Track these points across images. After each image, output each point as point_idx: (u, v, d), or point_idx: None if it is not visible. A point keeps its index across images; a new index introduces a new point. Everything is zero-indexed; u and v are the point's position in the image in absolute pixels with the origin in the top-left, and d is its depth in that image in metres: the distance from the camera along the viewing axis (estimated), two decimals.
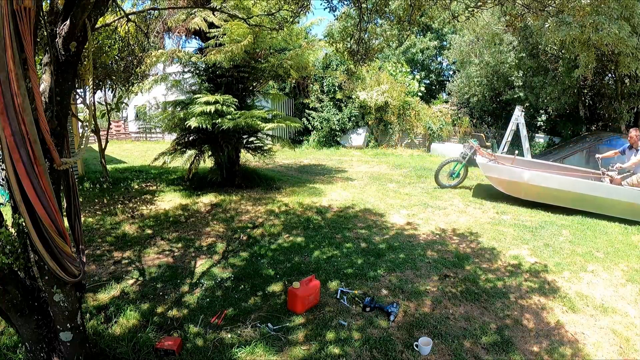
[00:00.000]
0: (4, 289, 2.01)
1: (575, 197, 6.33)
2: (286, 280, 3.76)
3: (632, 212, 6.03)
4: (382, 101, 13.39)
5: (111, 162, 10.75)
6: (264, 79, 7.39)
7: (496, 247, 4.71)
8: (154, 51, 6.36)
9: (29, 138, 1.69)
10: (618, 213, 6.12)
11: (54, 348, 2.29)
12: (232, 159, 7.18)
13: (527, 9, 3.78)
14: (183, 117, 6.32)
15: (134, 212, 5.76)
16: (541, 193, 6.61)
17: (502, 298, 3.54)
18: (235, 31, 6.04)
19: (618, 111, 10.25)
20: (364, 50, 4.65)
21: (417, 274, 3.98)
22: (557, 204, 6.52)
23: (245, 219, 5.58)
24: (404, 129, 14.03)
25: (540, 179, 6.58)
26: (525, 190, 6.72)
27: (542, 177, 6.60)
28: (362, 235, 4.97)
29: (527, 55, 10.72)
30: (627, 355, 2.88)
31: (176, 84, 7.03)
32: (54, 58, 2.01)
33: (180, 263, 4.20)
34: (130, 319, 3.09)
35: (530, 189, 6.66)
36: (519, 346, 2.89)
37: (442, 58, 18.76)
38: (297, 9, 4.13)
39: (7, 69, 1.58)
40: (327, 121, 14.38)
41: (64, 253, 1.95)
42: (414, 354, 2.76)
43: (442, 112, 14.41)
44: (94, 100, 6.74)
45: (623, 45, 6.49)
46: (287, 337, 2.92)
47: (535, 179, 6.59)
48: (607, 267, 4.28)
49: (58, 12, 2.08)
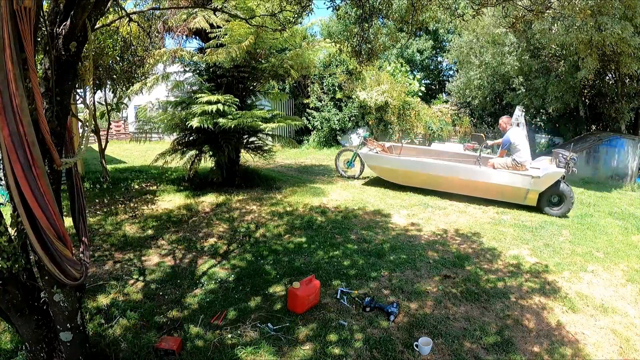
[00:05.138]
0: (4, 289, 2.01)
1: (448, 182, 6.79)
2: (286, 280, 3.76)
3: (501, 194, 6.45)
4: (382, 101, 13.38)
5: (111, 162, 10.76)
6: (265, 79, 7.38)
7: (496, 247, 4.70)
8: (156, 51, 6.36)
9: (27, 139, 1.67)
10: (487, 195, 6.57)
11: (54, 348, 2.29)
12: (232, 159, 7.18)
13: (528, 11, 3.78)
14: (184, 117, 6.32)
15: (134, 212, 5.76)
16: (417, 178, 7.11)
17: (502, 298, 3.54)
18: (236, 31, 6.04)
19: (619, 111, 10.24)
20: (369, 50, 4.66)
21: (418, 274, 3.98)
22: (435, 188, 6.98)
23: (246, 219, 5.57)
24: (404, 129, 14.02)
25: (416, 165, 7.05)
26: (402, 176, 7.24)
27: (417, 163, 7.07)
28: (362, 235, 4.97)
29: (529, 57, 10.71)
30: (627, 355, 2.88)
31: (178, 85, 7.02)
32: (54, 58, 2.01)
33: (180, 263, 4.19)
34: (131, 319, 3.09)
35: (407, 175, 7.17)
36: (519, 346, 2.89)
37: (442, 58, 18.75)
38: (300, 9, 4.13)
39: (5, 69, 1.57)
40: (328, 121, 14.38)
41: (64, 257, 1.93)
42: (414, 354, 2.76)
43: (442, 112, 14.41)
44: (94, 100, 6.73)
45: (625, 45, 6.50)
46: (288, 337, 2.92)
47: (411, 166, 7.08)
48: (607, 267, 4.28)
49: (58, 12, 2.07)
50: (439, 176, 6.82)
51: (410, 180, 7.19)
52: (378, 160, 7.43)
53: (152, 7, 5.75)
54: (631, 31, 6.48)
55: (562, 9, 3.70)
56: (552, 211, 6.19)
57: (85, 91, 3.97)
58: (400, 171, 7.17)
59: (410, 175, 7.11)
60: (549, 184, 6.10)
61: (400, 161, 7.16)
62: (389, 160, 7.31)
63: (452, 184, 6.76)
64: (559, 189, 6.13)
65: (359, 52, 4.67)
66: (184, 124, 6.40)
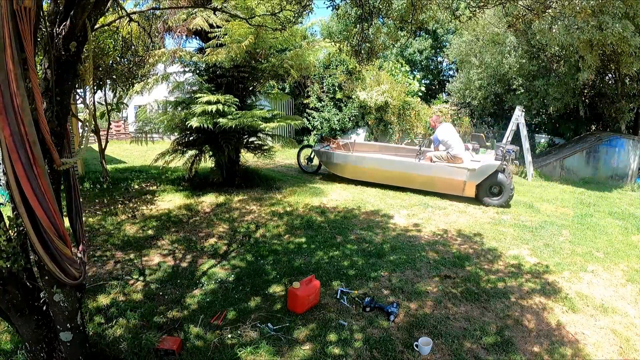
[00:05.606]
0: (4, 289, 2.01)
1: (390, 175, 7.26)
2: (286, 280, 3.76)
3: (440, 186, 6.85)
4: (382, 101, 13.37)
5: (111, 162, 10.75)
6: (264, 78, 7.39)
7: (496, 248, 4.70)
8: (156, 50, 6.35)
9: (27, 139, 1.67)
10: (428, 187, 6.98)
11: (54, 348, 2.29)
12: (232, 159, 7.18)
13: (529, 10, 3.78)
14: (184, 117, 6.32)
15: (134, 212, 5.76)
16: (363, 173, 7.55)
17: (502, 298, 3.54)
18: (236, 31, 6.03)
19: (619, 111, 10.24)
20: (368, 50, 4.66)
21: (418, 274, 3.98)
22: (380, 182, 7.40)
23: (246, 219, 5.57)
24: (404, 128, 14.01)
25: (361, 161, 7.51)
26: (350, 171, 7.65)
27: (362, 158, 7.52)
28: (362, 235, 4.96)
29: (529, 58, 10.70)
30: (627, 355, 2.88)
31: (178, 85, 7.02)
32: (54, 58, 2.01)
33: (180, 263, 4.19)
34: (131, 319, 3.09)
35: (354, 170, 7.62)
36: (520, 346, 2.89)
37: (442, 57, 18.74)
38: (300, 9, 4.13)
39: (6, 69, 1.57)
40: (327, 121, 14.37)
41: (64, 256, 1.94)
42: (414, 354, 2.76)
43: (442, 112, 14.40)
44: (94, 100, 6.72)
45: (626, 45, 6.49)
46: (287, 337, 2.92)
47: (356, 161, 7.54)
48: (607, 267, 4.28)
49: (58, 12, 2.07)
50: (382, 170, 7.28)
51: (357, 175, 7.62)
52: (328, 157, 7.84)
53: (152, 7, 5.75)
54: (632, 30, 6.47)
55: (562, 8, 3.71)
56: (492, 201, 6.54)
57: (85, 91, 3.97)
58: (348, 166, 7.63)
59: (356, 170, 7.57)
60: (485, 176, 6.44)
61: (346, 157, 7.61)
62: (337, 156, 7.74)
63: (394, 177, 7.22)
64: (497, 180, 6.45)
65: (359, 52, 4.67)
66: (184, 124, 6.39)
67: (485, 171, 6.43)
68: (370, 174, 7.45)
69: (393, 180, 7.24)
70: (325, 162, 7.99)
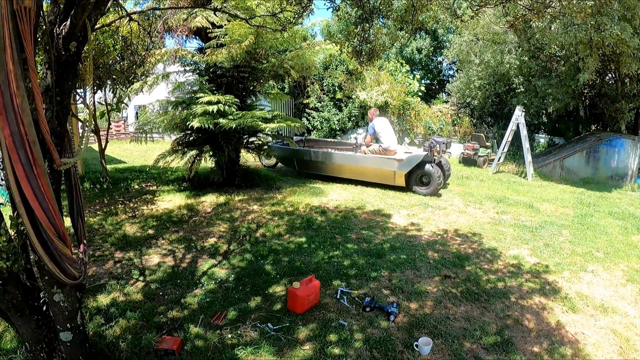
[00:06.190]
0: (4, 289, 2.01)
1: (331, 167, 7.78)
2: (286, 280, 3.76)
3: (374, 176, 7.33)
4: (382, 101, 13.38)
5: (111, 162, 10.74)
6: (264, 79, 7.39)
7: (496, 247, 4.70)
8: (156, 50, 6.35)
9: (27, 139, 1.67)
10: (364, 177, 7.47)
11: (54, 348, 2.29)
12: (232, 159, 7.18)
13: (529, 10, 3.78)
14: (184, 118, 6.32)
15: (134, 212, 5.76)
16: (306, 165, 8.12)
17: (502, 298, 3.54)
18: (236, 31, 6.03)
19: (619, 111, 10.23)
20: (369, 50, 4.66)
21: (418, 274, 3.98)
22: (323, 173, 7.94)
23: (246, 219, 5.57)
24: (404, 128, 14.02)
25: (304, 154, 8.06)
26: (297, 164, 8.27)
27: (305, 152, 8.07)
28: (362, 235, 4.96)
29: (529, 58, 10.70)
30: (627, 355, 2.88)
31: (179, 85, 7.01)
32: (54, 58, 2.01)
33: (180, 263, 4.19)
34: (131, 319, 3.09)
35: (299, 163, 8.21)
36: (519, 346, 2.89)
37: (442, 57, 18.72)
38: (300, 9, 4.13)
39: (6, 69, 1.57)
40: (328, 121, 14.37)
41: (64, 256, 1.94)
42: (414, 354, 2.76)
43: (442, 112, 14.40)
44: (94, 100, 6.74)
45: (624, 46, 6.49)
46: (288, 337, 2.92)
47: (301, 155, 8.10)
48: (607, 267, 4.28)
49: (58, 12, 2.07)
50: (322, 162, 7.82)
51: (303, 167, 8.21)
52: (277, 151, 8.37)
53: (152, 7, 5.75)
54: (630, 32, 6.47)
55: (562, 8, 3.71)
56: (421, 190, 7.03)
57: (85, 91, 3.97)
58: (294, 160, 8.23)
59: (301, 163, 8.15)
60: (412, 166, 6.89)
61: (292, 151, 8.13)
62: (285, 150, 8.29)
63: (334, 168, 7.75)
64: (425, 170, 6.90)
65: (360, 52, 4.67)
66: (185, 124, 6.39)
67: (411, 162, 6.87)
68: (314, 166, 8.02)
69: (333, 171, 7.79)
70: (277, 157, 8.63)
